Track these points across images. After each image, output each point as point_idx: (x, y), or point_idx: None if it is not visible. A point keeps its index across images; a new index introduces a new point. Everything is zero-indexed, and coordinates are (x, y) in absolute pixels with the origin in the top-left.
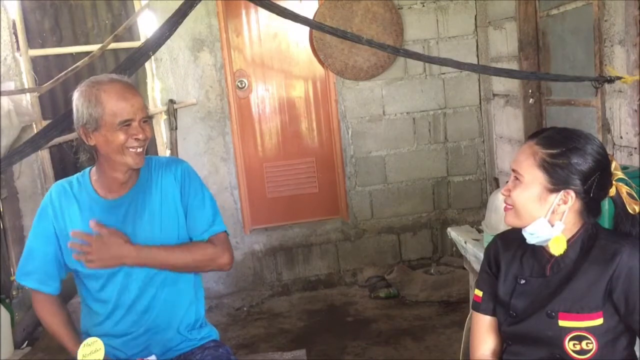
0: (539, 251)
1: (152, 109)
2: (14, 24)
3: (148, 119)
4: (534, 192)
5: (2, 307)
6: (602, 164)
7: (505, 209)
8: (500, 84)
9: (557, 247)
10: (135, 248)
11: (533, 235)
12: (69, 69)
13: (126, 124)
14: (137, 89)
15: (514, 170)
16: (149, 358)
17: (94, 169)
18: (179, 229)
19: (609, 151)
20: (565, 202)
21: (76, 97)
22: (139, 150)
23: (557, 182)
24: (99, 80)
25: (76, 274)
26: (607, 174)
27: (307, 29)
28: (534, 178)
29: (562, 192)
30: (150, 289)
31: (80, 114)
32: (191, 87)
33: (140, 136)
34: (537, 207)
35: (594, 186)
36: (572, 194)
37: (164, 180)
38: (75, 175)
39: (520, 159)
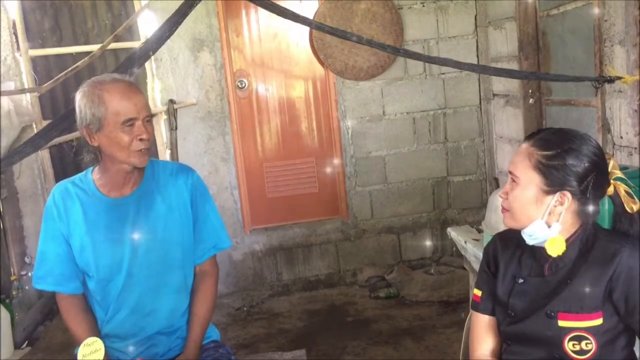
0: (538, 251)
1: (152, 108)
2: (14, 24)
3: (151, 117)
4: (530, 194)
5: (2, 307)
6: (598, 164)
7: (502, 212)
8: (500, 84)
9: (554, 248)
10: (190, 350)
11: (531, 236)
12: (69, 69)
13: (129, 123)
14: (138, 88)
15: (510, 173)
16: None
17: (96, 168)
18: (183, 235)
19: (609, 151)
20: (561, 204)
21: (79, 97)
22: (144, 149)
23: (553, 183)
24: (101, 80)
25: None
26: (603, 174)
27: (307, 29)
28: (530, 180)
29: (558, 194)
30: (156, 292)
31: (84, 114)
32: (191, 87)
33: (144, 136)
34: (533, 209)
35: (590, 187)
36: (568, 195)
37: (172, 186)
38: (77, 176)
39: (516, 160)
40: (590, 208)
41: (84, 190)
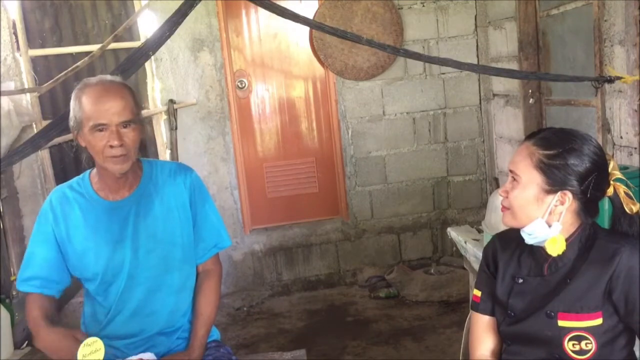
0: (537, 250)
1: (152, 109)
2: (14, 24)
3: (131, 123)
4: (531, 193)
5: (2, 307)
6: (599, 164)
7: (502, 210)
8: (500, 84)
9: (554, 248)
10: (195, 349)
11: (531, 235)
12: (69, 69)
13: (99, 128)
14: (125, 91)
15: (511, 171)
16: (145, 356)
17: (94, 171)
18: (183, 236)
19: (609, 151)
20: (562, 203)
21: (71, 98)
22: (118, 156)
23: (554, 183)
24: (87, 82)
25: (78, 279)
26: (604, 175)
27: (307, 29)
28: (531, 179)
29: (559, 193)
30: (157, 293)
31: (71, 115)
32: (191, 87)
33: (115, 142)
34: (534, 208)
35: (590, 187)
36: (569, 194)
37: (171, 187)
38: (74, 179)
39: (517, 159)
40: (591, 208)
41: (82, 194)
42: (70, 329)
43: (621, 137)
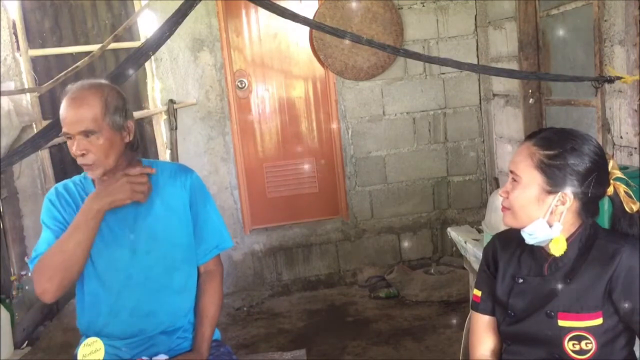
0: (537, 250)
1: (152, 109)
2: (14, 24)
3: (93, 132)
4: (532, 193)
5: (2, 307)
6: (599, 164)
7: (502, 210)
8: (500, 84)
9: (557, 248)
10: (203, 350)
11: (532, 235)
12: (69, 69)
13: (67, 136)
14: (94, 98)
15: (511, 172)
16: (158, 357)
17: None
18: (183, 236)
19: (609, 151)
20: (563, 203)
21: None
22: (85, 163)
23: (555, 183)
24: (69, 87)
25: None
26: (604, 174)
27: (307, 29)
28: (531, 179)
29: (559, 193)
30: (157, 293)
31: None
32: (191, 87)
33: (76, 152)
34: (535, 208)
35: (591, 187)
36: (570, 194)
37: (171, 187)
38: (76, 177)
39: (518, 160)
40: (591, 208)
41: (84, 190)
42: None
43: (621, 137)
